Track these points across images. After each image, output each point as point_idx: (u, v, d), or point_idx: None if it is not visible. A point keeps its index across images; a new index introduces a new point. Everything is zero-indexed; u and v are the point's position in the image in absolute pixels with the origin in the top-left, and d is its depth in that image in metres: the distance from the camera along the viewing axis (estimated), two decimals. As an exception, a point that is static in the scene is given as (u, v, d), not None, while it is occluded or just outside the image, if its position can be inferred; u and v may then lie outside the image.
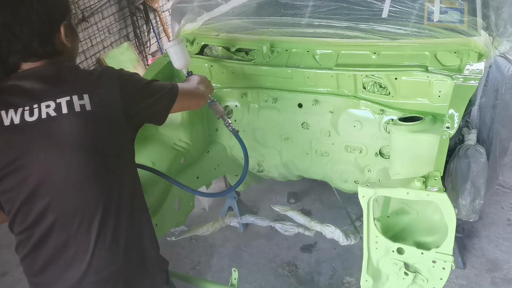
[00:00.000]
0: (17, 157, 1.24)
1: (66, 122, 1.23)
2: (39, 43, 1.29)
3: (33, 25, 1.27)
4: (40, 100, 1.24)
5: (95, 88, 1.29)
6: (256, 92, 2.33)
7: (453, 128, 1.66)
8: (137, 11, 5.15)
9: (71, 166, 1.26)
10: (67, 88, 1.27)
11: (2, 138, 1.24)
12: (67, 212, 1.28)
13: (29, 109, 1.24)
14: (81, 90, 1.27)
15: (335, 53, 2.17)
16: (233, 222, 2.86)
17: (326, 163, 2.37)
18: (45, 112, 1.23)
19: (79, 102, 1.25)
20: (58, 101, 1.24)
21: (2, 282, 2.89)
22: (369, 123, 2.14)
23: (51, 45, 1.32)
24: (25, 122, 1.23)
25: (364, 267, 1.62)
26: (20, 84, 1.27)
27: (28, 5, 1.27)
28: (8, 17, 1.25)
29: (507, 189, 3.20)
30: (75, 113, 1.24)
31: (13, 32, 1.26)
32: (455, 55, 1.96)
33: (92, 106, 1.26)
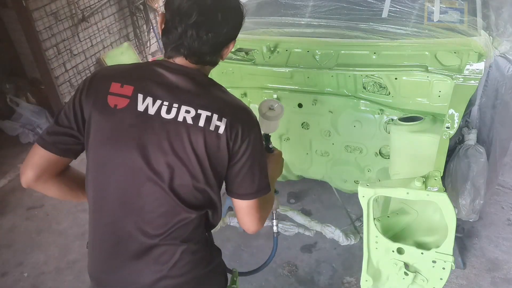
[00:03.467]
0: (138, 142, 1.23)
1: (198, 134, 1.22)
2: (212, 52, 1.28)
3: (219, 35, 1.26)
4: (182, 102, 1.23)
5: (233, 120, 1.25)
6: (256, 92, 2.33)
7: (453, 128, 1.66)
8: (137, 11, 5.14)
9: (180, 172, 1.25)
10: (210, 103, 1.25)
11: (129, 122, 1.23)
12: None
13: (168, 106, 1.23)
14: (222, 112, 1.24)
15: (335, 53, 2.17)
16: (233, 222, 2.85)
17: (326, 163, 2.37)
18: (183, 116, 1.22)
19: (215, 122, 1.23)
20: (199, 111, 1.23)
21: (2, 282, 2.89)
22: (369, 123, 2.14)
23: (217, 56, 1.32)
24: (159, 116, 1.22)
25: (364, 267, 1.62)
26: (168, 76, 1.26)
27: (225, 17, 1.25)
28: (203, 19, 1.22)
29: (507, 189, 3.19)
30: (208, 130, 1.22)
31: (199, 33, 1.23)
32: (455, 55, 1.96)
33: (224, 132, 1.24)
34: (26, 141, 4.36)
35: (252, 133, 1.28)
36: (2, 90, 4.48)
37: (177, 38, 1.24)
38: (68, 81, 4.48)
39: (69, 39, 4.40)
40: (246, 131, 1.27)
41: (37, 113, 4.40)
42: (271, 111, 1.71)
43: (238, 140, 1.25)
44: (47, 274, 2.90)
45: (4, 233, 3.31)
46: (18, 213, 3.48)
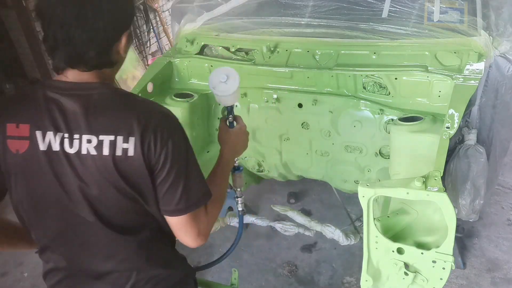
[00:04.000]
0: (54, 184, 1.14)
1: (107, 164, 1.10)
2: (96, 53, 1.10)
3: (96, 33, 1.08)
4: (82, 131, 1.10)
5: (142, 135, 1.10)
6: (256, 92, 2.33)
7: (453, 128, 1.66)
8: (137, 11, 5.15)
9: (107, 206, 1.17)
10: (113, 124, 1.10)
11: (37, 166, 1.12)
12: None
13: (69, 138, 1.10)
14: (128, 130, 1.10)
15: (335, 53, 2.17)
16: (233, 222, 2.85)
17: (326, 163, 2.37)
18: (86, 148, 1.10)
19: (121, 144, 1.09)
20: (100, 138, 1.09)
21: (2, 282, 2.89)
22: (369, 123, 2.14)
23: (108, 55, 1.14)
24: (64, 152, 1.10)
25: (364, 267, 1.62)
26: (63, 102, 1.11)
27: (98, 9, 1.07)
28: (70, 18, 1.06)
29: (507, 189, 3.19)
30: (116, 157, 1.10)
31: (70, 35, 1.06)
32: (455, 55, 1.97)
33: (134, 153, 1.10)
34: (26, 141, 4.36)
35: (170, 142, 1.12)
36: (2, 90, 4.48)
37: (54, 48, 1.10)
38: (68, 81, 4.48)
39: (69, 39, 4.40)
40: (160, 142, 1.10)
41: (37, 113, 4.40)
42: (223, 85, 1.47)
43: (152, 155, 1.11)
44: (47, 274, 2.90)
45: (4, 233, 3.31)
46: (18, 213, 3.49)
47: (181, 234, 1.23)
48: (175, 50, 2.54)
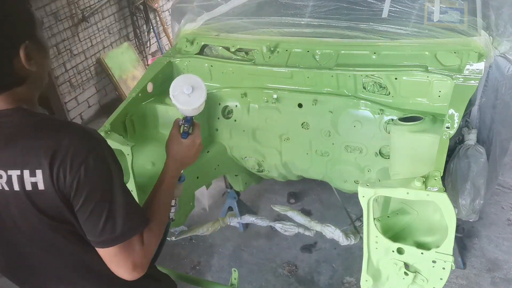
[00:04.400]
0: None
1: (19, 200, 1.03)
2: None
3: None
4: None
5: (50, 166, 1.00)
6: (256, 92, 2.33)
7: (453, 128, 1.66)
8: (137, 11, 5.15)
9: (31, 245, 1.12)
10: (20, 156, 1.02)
11: None
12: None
13: None
14: (34, 163, 1.01)
15: (335, 53, 2.17)
16: (233, 222, 2.86)
17: (326, 163, 2.37)
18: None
19: (29, 178, 1.01)
20: (9, 172, 1.02)
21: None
22: (369, 123, 2.14)
23: (8, 73, 1.03)
24: None
25: (364, 267, 1.62)
26: None
27: None
28: None
29: (507, 189, 3.19)
30: (27, 193, 1.02)
31: None
32: (455, 55, 1.96)
33: (44, 186, 1.01)
34: (26, 141, 4.36)
35: (83, 167, 1.01)
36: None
37: None
38: (68, 81, 4.48)
39: (69, 39, 4.40)
40: (70, 169, 1.00)
41: (37, 113, 4.41)
42: (185, 97, 1.29)
43: (62, 184, 1.01)
44: (47, 274, 2.90)
45: (4, 233, 3.31)
46: (18, 213, 3.48)
47: (113, 266, 1.11)
48: (175, 50, 2.54)
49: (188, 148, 1.35)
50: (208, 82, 2.46)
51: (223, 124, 2.47)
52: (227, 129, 2.47)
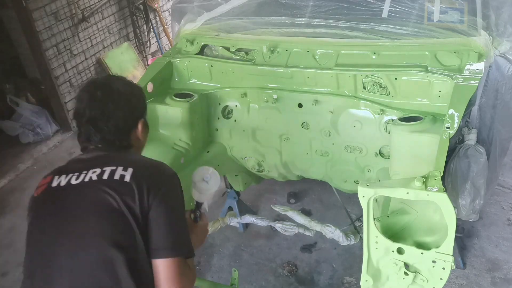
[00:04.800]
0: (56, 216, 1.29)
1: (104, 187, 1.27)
2: (118, 137, 1.39)
3: (117, 121, 1.37)
4: (90, 167, 1.32)
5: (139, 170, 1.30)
6: (256, 92, 2.33)
7: (453, 128, 1.66)
8: (137, 11, 5.14)
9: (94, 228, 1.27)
10: (116, 160, 1.33)
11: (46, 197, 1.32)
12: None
13: (78, 174, 1.32)
14: (128, 164, 1.31)
15: (335, 53, 2.17)
16: (233, 222, 2.86)
17: (326, 163, 2.37)
18: (89, 177, 1.30)
19: (120, 172, 1.29)
20: (104, 168, 1.30)
21: (2, 282, 2.89)
22: (369, 123, 2.14)
23: (127, 139, 1.42)
24: (70, 184, 1.30)
25: (364, 267, 1.62)
26: (83, 157, 1.39)
27: (116, 102, 1.38)
28: (96, 113, 1.36)
29: (507, 189, 3.19)
30: (112, 180, 1.28)
31: (97, 126, 1.36)
32: (455, 55, 1.96)
33: (130, 180, 1.27)
34: (26, 141, 4.36)
35: (163, 185, 1.30)
36: (2, 90, 4.48)
37: (83, 136, 1.39)
38: (68, 81, 4.48)
39: (69, 39, 4.40)
40: (155, 181, 1.29)
41: (37, 113, 4.41)
42: (204, 184, 1.60)
43: (146, 189, 1.26)
44: (47, 274, 2.90)
45: (4, 233, 3.31)
46: (18, 213, 3.48)
47: (164, 283, 1.23)
48: (175, 50, 2.54)
49: (201, 231, 1.59)
50: (208, 82, 2.46)
51: (223, 124, 2.48)
52: (227, 129, 2.47)
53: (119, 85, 1.42)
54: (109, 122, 1.36)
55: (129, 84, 1.47)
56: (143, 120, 1.46)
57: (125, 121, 1.39)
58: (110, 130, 1.37)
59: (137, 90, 1.48)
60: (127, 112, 1.40)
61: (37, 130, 4.38)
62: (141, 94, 1.49)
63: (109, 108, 1.36)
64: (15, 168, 4.03)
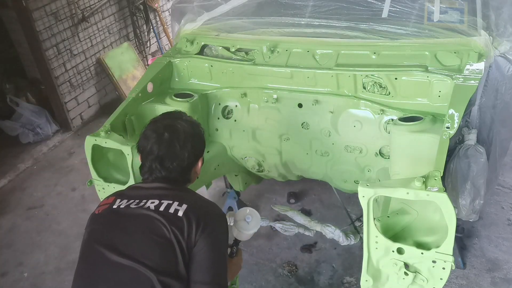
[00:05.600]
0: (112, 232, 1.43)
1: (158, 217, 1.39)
2: (180, 174, 1.54)
3: (182, 161, 1.52)
4: (150, 197, 1.46)
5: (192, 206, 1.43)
6: (256, 92, 2.33)
7: (453, 128, 1.66)
8: (137, 11, 5.14)
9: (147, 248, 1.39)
10: (174, 196, 1.46)
11: (104, 217, 1.47)
12: None
13: (138, 202, 1.45)
14: (182, 200, 1.44)
15: (335, 53, 2.17)
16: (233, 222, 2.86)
17: (326, 163, 2.37)
18: (147, 206, 1.43)
19: (175, 207, 1.41)
20: (162, 201, 1.43)
21: (2, 282, 2.89)
22: (369, 123, 2.14)
23: (188, 175, 1.57)
24: (128, 208, 1.44)
25: (364, 267, 1.62)
26: (144, 186, 1.53)
27: (183, 144, 1.51)
28: (163, 153, 1.50)
29: (507, 189, 3.19)
30: (167, 213, 1.40)
31: (163, 164, 1.50)
32: (455, 55, 1.96)
33: (183, 216, 1.40)
34: (26, 141, 4.36)
35: (211, 224, 1.43)
36: (2, 90, 4.48)
37: (147, 171, 1.54)
38: (68, 81, 4.48)
39: (69, 39, 4.40)
40: (204, 219, 1.41)
41: (37, 113, 4.41)
42: (245, 224, 1.76)
43: (195, 226, 1.39)
44: (47, 274, 2.90)
45: (4, 233, 3.31)
46: (18, 213, 3.49)
47: None
48: (175, 50, 2.54)
49: (235, 266, 1.76)
50: (208, 82, 2.46)
51: (223, 124, 2.48)
52: (227, 129, 2.47)
53: (184, 127, 1.55)
54: (175, 162, 1.50)
55: (192, 124, 1.60)
56: (202, 157, 1.61)
57: (188, 160, 1.53)
58: (174, 168, 1.51)
59: (199, 130, 1.62)
60: (191, 152, 1.54)
61: (37, 130, 4.38)
62: (202, 134, 1.63)
63: (176, 149, 1.50)
64: (15, 168, 4.03)
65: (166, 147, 1.50)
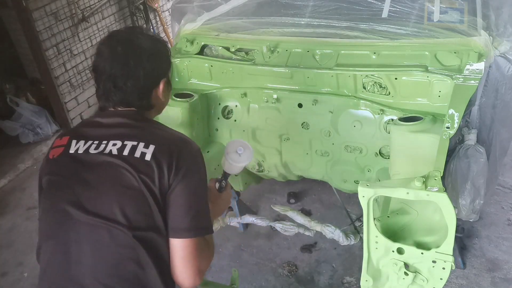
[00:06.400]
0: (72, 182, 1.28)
1: (123, 164, 1.24)
2: (138, 97, 1.34)
3: (137, 80, 1.31)
4: (110, 138, 1.28)
5: (161, 147, 1.26)
6: (256, 92, 2.33)
7: (453, 128, 1.66)
8: (137, 11, 5.14)
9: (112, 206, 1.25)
10: (138, 134, 1.29)
11: (62, 165, 1.30)
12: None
13: (97, 144, 1.28)
14: (150, 140, 1.27)
15: (335, 53, 2.17)
16: (233, 222, 2.86)
17: (326, 163, 2.37)
18: (109, 149, 1.26)
19: (141, 149, 1.25)
20: (125, 142, 1.26)
21: (2, 282, 2.89)
22: (369, 123, 2.14)
23: (148, 99, 1.36)
24: (88, 153, 1.27)
25: (364, 267, 1.62)
26: (102, 121, 1.34)
27: (138, 61, 1.30)
28: (116, 70, 1.29)
29: (507, 189, 3.19)
30: (133, 158, 1.24)
31: (116, 84, 1.30)
32: (455, 55, 1.97)
33: (151, 159, 1.23)
34: (26, 141, 4.36)
35: (184, 163, 1.25)
36: (2, 90, 4.47)
37: (102, 94, 1.34)
38: (68, 81, 4.47)
39: (69, 39, 4.39)
40: (176, 160, 1.24)
41: (37, 113, 4.40)
42: (236, 156, 1.58)
43: (166, 169, 1.23)
44: (47, 274, 2.90)
45: (4, 233, 3.31)
46: (18, 213, 3.48)
47: (182, 265, 1.24)
48: (175, 50, 2.54)
49: (223, 202, 1.60)
50: (208, 82, 2.46)
51: (223, 124, 2.48)
52: (227, 129, 2.47)
53: (142, 41, 1.33)
54: (128, 81, 1.30)
55: (153, 39, 1.37)
56: (165, 79, 1.38)
57: (146, 80, 1.32)
58: (129, 89, 1.30)
59: (162, 47, 1.39)
60: (149, 70, 1.32)
61: (37, 130, 4.37)
62: (166, 51, 1.39)
63: (130, 67, 1.29)
64: (15, 168, 4.02)
65: (119, 64, 1.29)
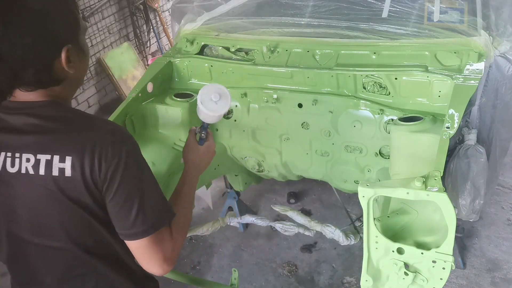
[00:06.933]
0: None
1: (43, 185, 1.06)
2: (34, 71, 1.05)
3: (27, 48, 1.02)
4: (23, 149, 1.06)
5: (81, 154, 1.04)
6: (256, 92, 2.33)
7: (453, 128, 1.66)
8: (137, 11, 5.14)
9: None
10: (51, 142, 1.06)
11: None
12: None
13: (11, 157, 1.07)
14: (65, 149, 1.04)
15: (335, 53, 2.17)
16: (233, 222, 2.86)
17: (326, 163, 2.37)
18: (25, 167, 1.06)
19: (58, 164, 1.03)
20: (38, 156, 1.05)
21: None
22: (369, 123, 2.14)
23: (47, 72, 1.07)
24: (6, 172, 1.07)
25: (364, 267, 1.62)
26: (9, 120, 1.09)
27: (22, 23, 1.01)
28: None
29: (507, 189, 3.19)
30: (52, 177, 1.04)
31: (1, 55, 1.01)
32: (455, 55, 1.97)
33: (72, 173, 1.04)
34: (26, 141, 4.35)
35: (116, 159, 1.05)
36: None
37: None
38: (68, 81, 4.48)
39: (69, 39, 4.40)
40: (105, 160, 1.04)
41: (37, 113, 4.40)
42: (211, 104, 1.37)
43: (97, 174, 1.04)
44: (47, 274, 2.90)
45: (4, 233, 3.30)
46: (18, 213, 3.48)
47: (144, 261, 1.14)
48: (175, 50, 2.54)
49: (205, 154, 1.45)
50: (208, 82, 2.46)
51: (223, 124, 2.48)
52: (227, 129, 2.47)
53: (27, 2, 1.02)
54: (14, 51, 1.01)
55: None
56: (69, 46, 1.08)
57: (37, 50, 1.03)
58: (17, 61, 1.02)
59: (58, 4, 1.08)
60: (38, 38, 1.02)
61: (37, 130, 4.37)
62: (64, 10, 1.10)
63: (14, 31, 1.00)
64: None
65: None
